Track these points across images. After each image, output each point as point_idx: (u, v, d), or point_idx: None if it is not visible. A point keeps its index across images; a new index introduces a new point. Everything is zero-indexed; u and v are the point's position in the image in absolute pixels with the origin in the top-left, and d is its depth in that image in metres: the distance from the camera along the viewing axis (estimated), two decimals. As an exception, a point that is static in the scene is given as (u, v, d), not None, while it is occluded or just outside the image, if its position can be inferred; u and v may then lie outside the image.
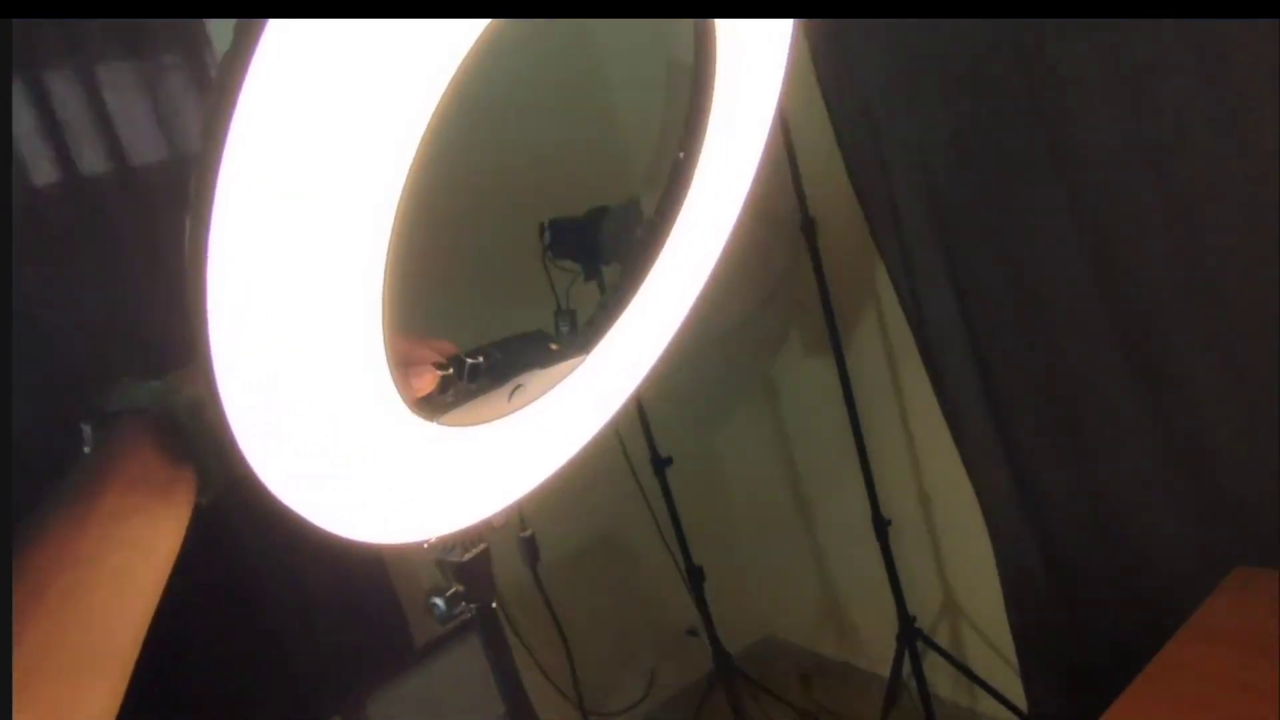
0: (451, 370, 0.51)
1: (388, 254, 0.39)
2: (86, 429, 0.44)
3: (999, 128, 1.48)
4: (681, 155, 0.60)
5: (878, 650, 2.42)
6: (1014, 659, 1.97)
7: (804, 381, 2.27)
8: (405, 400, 0.45)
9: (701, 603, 2.03)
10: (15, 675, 0.34)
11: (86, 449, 0.43)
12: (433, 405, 0.50)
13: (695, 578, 2.01)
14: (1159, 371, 1.42)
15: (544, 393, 0.56)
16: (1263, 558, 1.35)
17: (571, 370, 0.57)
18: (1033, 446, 1.63)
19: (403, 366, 0.49)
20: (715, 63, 0.54)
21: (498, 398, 0.54)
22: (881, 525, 1.96)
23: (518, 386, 0.54)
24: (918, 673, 2.05)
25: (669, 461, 1.99)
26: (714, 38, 0.53)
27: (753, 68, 0.58)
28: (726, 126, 0.59)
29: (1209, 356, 1.35)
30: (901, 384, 2.02)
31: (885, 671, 2.38)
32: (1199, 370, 1.37)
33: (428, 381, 0.49)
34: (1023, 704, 1.95)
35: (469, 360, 0.52)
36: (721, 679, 2.06)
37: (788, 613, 2.66)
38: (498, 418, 0.54)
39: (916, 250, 1.67)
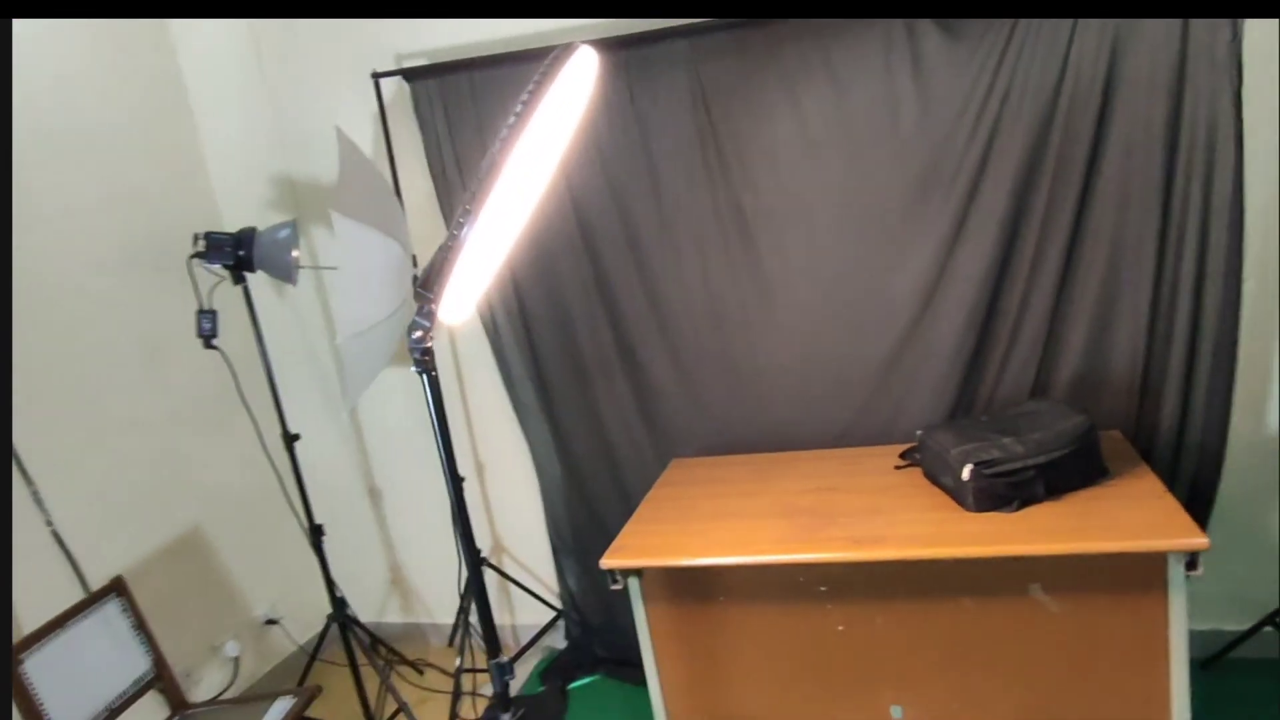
0: None
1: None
2: None
3: (549, 221, 2.44)
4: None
5: (437, 609, 3.09)
6: (551, 577, 2.86)
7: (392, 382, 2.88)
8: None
9: (323, 561, 2.47)
10: None
11: None
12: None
13: (317, 534, 2.45)
14: (632, 354, 2.50)
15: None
16: (689, 453, 2.50)
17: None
18: (564, 407, 2.58)
19: None
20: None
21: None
22: (457, 480, 2.69)
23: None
24: (479, 596, 2.78)
25: (298, 437, 2.43)
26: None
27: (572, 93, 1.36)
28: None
29: (657, 346, 2.47)
30: (463, 377, 2.81)
31: (447, 619, 3.06)
32: (653, 352, 2.48)
33: None
34: (557, 603, 2.85)
35: None
36: (342, 630, 2.48)
37: (358, 595, 3.12)
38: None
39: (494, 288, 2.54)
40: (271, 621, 2.92)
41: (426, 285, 1.15)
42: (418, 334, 1.25)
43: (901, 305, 2.25)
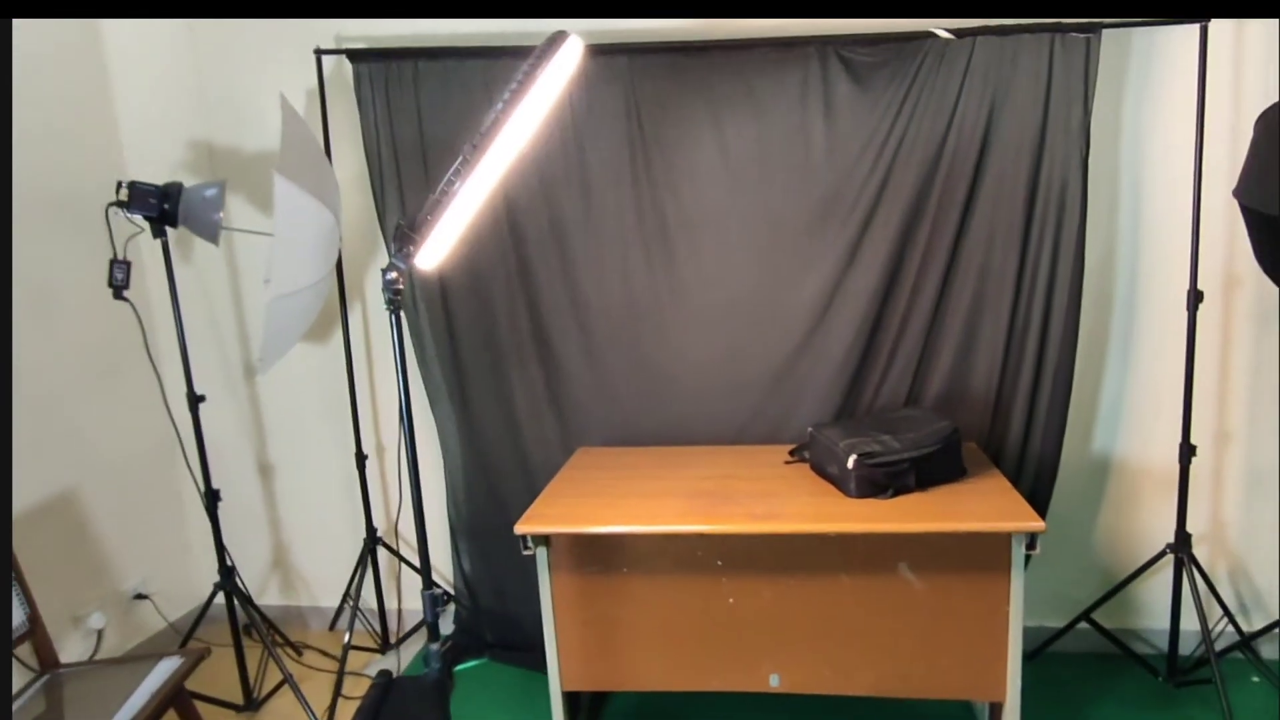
0: None
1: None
2: None
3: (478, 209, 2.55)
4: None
5: (321, 592, 3.04)
6: (442, 564, 2.90)
7: (298, 357, 2.86)
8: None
9: (217, 527, 2.42)
10: None
11: None
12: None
13: (213, 499, 2.40)
14: (547, 344, 2.62)
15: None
16: (595, 442, 2.63)
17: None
18: (475, 390, 2.66)
19: None
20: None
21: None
22: (361, 459, 2.71)
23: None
24: (375, 573, 2.79)
25: (203, 398, 2.38)
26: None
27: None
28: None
29: (573, 338, 2.61)
30: (375, 356, 2.84)
31: (330, 603, 3.03)
32: (568, 343, 2.61)
33: None
34: (447, 589, 2.89)
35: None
36: (228, 599, 2.43)
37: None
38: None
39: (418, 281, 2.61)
40: (141, 596, 2.80)
41: (414, 228, 1.25)
42: (392, 275, 1.35)
43: (799, 317, 2.49)
